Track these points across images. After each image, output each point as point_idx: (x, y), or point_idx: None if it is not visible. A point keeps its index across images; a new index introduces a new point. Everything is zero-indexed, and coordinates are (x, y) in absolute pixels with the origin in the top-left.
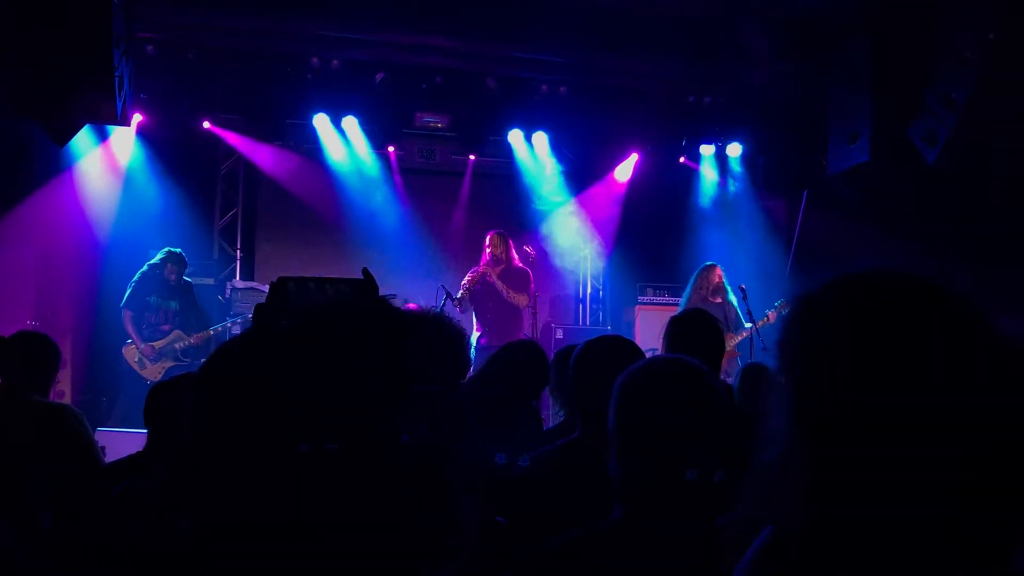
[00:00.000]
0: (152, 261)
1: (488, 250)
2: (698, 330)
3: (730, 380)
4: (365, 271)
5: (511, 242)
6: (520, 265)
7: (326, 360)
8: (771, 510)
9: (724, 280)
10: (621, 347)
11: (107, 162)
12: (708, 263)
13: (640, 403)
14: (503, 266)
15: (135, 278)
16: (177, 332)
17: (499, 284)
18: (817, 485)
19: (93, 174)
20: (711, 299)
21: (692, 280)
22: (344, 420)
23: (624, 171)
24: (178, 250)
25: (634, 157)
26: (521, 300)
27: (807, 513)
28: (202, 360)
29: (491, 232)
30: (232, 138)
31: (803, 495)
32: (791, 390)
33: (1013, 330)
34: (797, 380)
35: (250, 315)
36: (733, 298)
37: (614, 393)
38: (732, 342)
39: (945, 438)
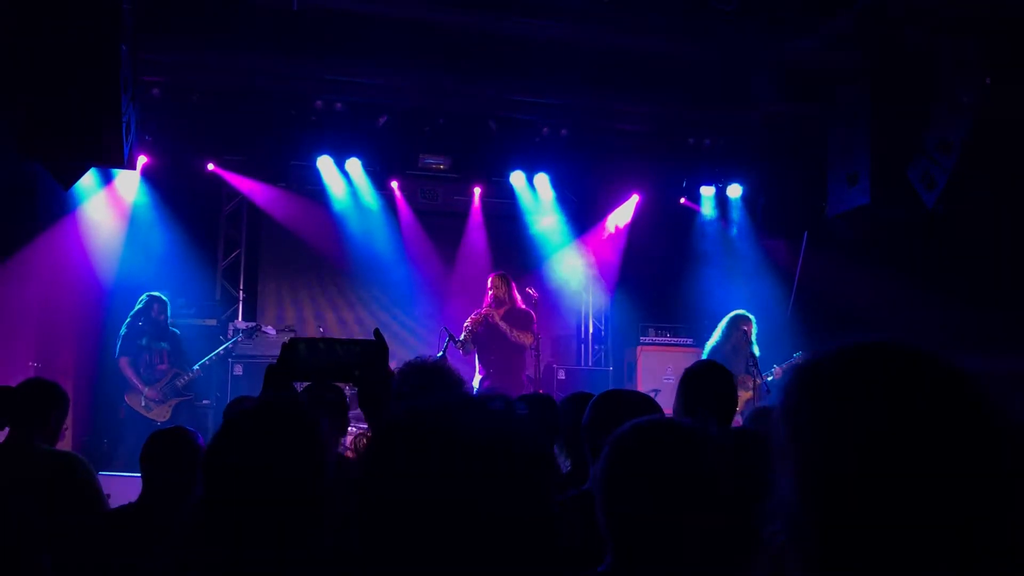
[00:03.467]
0: (135, 309)
1: (490, 292)
2: (711, 383)
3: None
4: (377, 332)
5: (513, 283)
6: (523, 306)
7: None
8: None
9: (752, 330)
10: (637, 399)
11: (111, 204)
12: (741, 313)
13: (628, 461)
14: (506, 307)
15: (123, 329)
16: (174, 369)
17: (503, 325)
18: (827, 555)
19: (97, 216)
20: (743, 348)
21: (723, 328)
22: None
23: (624, 213)
24: (157, 293)
25: (635, 198)
26: (527, 339)
27: None
28: (205, 401)
29: (492, 274)
30: (236, 179)
31: (812, 565)
32: (798, 462)
33: (1013, 367)
34: (804, 453)
35: (240, 338)
36: (756, 348)
37: (604, 450)
38: (746, 389)
39: (949, 513)
